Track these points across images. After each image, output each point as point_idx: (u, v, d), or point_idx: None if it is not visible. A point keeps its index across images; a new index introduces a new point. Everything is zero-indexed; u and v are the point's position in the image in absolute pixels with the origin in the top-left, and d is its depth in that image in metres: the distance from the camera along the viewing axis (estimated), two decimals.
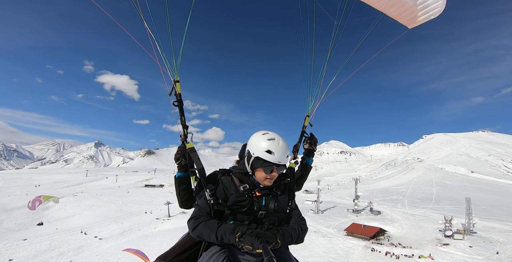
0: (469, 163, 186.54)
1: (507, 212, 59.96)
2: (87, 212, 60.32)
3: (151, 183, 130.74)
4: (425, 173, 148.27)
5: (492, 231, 41.28)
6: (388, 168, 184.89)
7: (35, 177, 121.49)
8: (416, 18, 2.12)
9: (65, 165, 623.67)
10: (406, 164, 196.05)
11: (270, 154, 1.52)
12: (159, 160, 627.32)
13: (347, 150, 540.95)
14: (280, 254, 1.52)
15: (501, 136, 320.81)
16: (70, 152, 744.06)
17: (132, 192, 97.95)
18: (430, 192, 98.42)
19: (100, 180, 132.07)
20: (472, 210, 42.05)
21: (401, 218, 50.48)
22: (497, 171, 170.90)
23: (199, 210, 1.53)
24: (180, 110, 1.85)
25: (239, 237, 1.31)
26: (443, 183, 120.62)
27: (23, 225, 47.51)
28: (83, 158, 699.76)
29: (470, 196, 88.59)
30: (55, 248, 37.70)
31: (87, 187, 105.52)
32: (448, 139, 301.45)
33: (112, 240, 43.58)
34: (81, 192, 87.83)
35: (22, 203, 61.49)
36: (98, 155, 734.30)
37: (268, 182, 1.58)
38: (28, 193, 75.85)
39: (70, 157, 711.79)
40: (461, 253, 30.66)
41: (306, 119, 2.30)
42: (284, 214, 1.67)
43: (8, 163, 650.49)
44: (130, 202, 75.80)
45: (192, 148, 1.80)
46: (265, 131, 1.67)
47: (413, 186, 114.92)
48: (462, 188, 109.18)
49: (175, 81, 1.83)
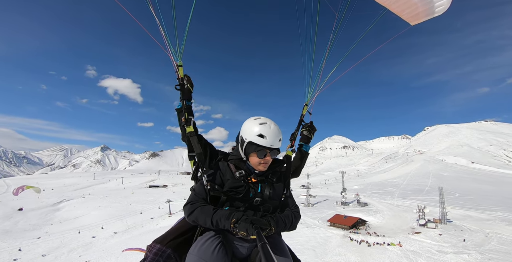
0: (470, 154, 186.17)
1: (494, 201, 61.97)
2: (94, 212, 64.85)
3: (155, 183, 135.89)
4: (423, 165, 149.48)
5: (469, 219, 42.92)
6: (388, 161, 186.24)
7: (45, 181, 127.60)
8: (419, 15, 2.09)
9: (74, 170, 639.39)
10: (407, 156, 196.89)
11: (262, 138, 1.54)
12: (164, 161, 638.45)
13: (350, 145, 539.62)
14: (273, 240, 1.58)
15: (504, 125, 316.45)
16: (78, 157, 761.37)
17: (136, 192, 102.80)
18: (424, 184, 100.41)
19: (106, 182, 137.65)
20: (444, 199, 44.21)
21: (385, 209, 53.17)
22: (498, 161, 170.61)
23: (195, 195, 1.55)
24: (182, 94, 1.83)
25: (234, 223, 1.33)
26: (440, 174, 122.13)
27: (36, 225, 52.07)
28: (90, 162, 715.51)
29: (463, 187, 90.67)
30: (66, 245, 41.92)
31: (95, 189, 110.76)
32: (450, 130, 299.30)
33: (117, 236, 47.68)
34: (89, 194, 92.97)
35: (34, 206, 66.58)
36: (104, 158, 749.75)
37: (262, 167, 1.60)
38: (40, 196, 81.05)
39: (78, 161, 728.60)
40: (429, 240, 32.28)
41: (305, 108, 2.31)
42: (279, 202, 1.68)
43: (19, 169, 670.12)
44: (134, 202, 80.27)
45: (192, 132, 1.76)
46: (257, 116, 1.68)
47: (409, 178, 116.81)
48: (458, 179, 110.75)
49: (178, 65, 1.85)
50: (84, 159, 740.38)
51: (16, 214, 57.31)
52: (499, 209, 51.03)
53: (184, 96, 1.83)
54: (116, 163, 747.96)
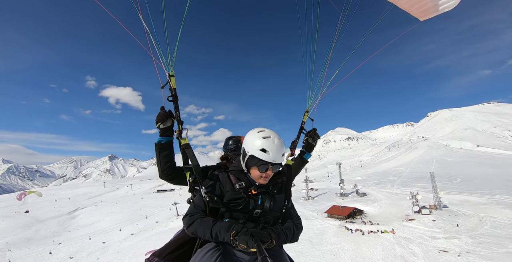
0: (474, 137, 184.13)
1: (495, 185, 62.18)
2: (108, 217, 68.52)
3: (163, 188, 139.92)
4: (427, 151, 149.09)
5: (466, 204, 43.08)
6: (392, 150, 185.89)
7: (60, 192, 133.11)
8: (429, 10, 2.02)
9: (85, 180, 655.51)
10: (411, 143, 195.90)
11: (265, 153, 1.50)
12: None
13: (353, 136, 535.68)
14: (274, 253, 1.53)
15: (508, 105, 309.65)
16: (88, 167, 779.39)
17: (145, 197, 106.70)
18: (427, 171, 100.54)
19: (116, 190, 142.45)
20: (439, 184, 44.88)
21: (383, 198, 54.63)
22: (503, 142, 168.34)
23: (194, 207, 1.53)
24: (175, 106, 1.76)
25: (233, 235, 1.31)
26: (444, 160, 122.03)
27: (56, 232, 55.92)
28: (100, 171, 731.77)
29: (467, 171, 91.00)
30: (84, 249, 45.24)
31: (106, 197, 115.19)
32: (453, 114, 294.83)
33: (131, 239, 50.90)
34: (101, 201, 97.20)
35: (52, 214, 70.72)
36: (113, 167, 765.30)
37: (263, 180, 1.57)
38: (56, 205, 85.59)
39: (88, 172, 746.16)
40: (422, 227, 32.40)
41: (305, 115, 2.26)
42: (280, 213, 1.65)
43: (33, 183, 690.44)
44: (144, 206, 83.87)
45: (187, 144, 1.73)
46: (261, 128, 1.64)
47: (412, 165, 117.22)
48: (462, 163, 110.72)
49: (170, 75, 1.76)
50: (94, 169, 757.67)
51: (36, 223, 61.36)
52: (498, 193, 51.32)
53: (177, 107, 1.78)
54: (125, 171, 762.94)
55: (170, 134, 1.79)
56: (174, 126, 1.82)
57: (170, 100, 1.76)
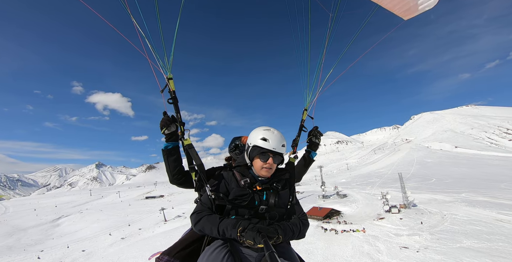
0: (453, 139, 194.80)
1: (466, 184, 66.79)
2: (93, 225, 67.84)
3: (152, 194, 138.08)
4: (409, 153, 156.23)
5: (433, 203, 45.85)
6: (377, 152, 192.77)
7: (43, 201, 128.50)
8: (411, 9, 2.13)
9: (70, 189, 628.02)
10: (395, 146, 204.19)
11: (265, 141, 1.60)
12: (161, 173, 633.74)
13: (343, 139, 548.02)
14: (281, 249, 1.55)
15: (485, 108, 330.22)
16: (73, 176, 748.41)
17: (133, 204, 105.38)
18: (407, 171, 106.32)
19: (104, 197, 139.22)
20: (405, 184, 48.15)
21: (361, 199, 57.74)
22: (480, 143, 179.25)
23: (201, 205, 1.56)
24: (175, 108, 1.81)
25: (240, 231, 1.33)
26: (424, 161, 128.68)
27: (38, 240, 55.10)
28: (86, 180, 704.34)
29: (443, 171, 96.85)
30: (68, 256, 45.11)
31: (92, 205, 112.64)
32: (434, 116, 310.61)
33: (116, 245, 51.03)
34: (86, 209, 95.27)
35: (34, 223, 69.23)
36: (101, 175, 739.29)
37: (265, 171, 1.61)
38: (39, 214, 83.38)
39: (74, 180, 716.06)
40: (390, 225, 34.00)
41: (304, 113, 2.29)
42: (285, 209, 1.68)
43: (14, 192, 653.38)
44: (131, 213, 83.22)
45: (190, 144, 1.78)
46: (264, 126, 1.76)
47: (394, 167, 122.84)
48: (440, 164, 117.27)
49: (168, 78, 1.80)
50: (80, 177, 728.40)
51: (18, 232, 60.05)
52: (465, 191, 55.11)
53: (177, 109, 1.82)
54: (113, 178, 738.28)
55: (176, 138, 1.82)
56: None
57: (170, 102, 1.82)
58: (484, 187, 60.49)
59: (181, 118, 1.83)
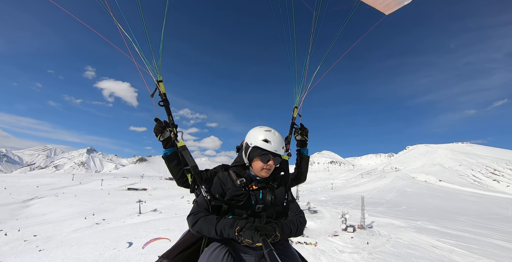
0: (440, 172, 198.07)
1: (430, 213, 69.66)
2: (65, 209, 68.31)
3: (135, 187, 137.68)
4: (393, 181, 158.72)
5: (389, 226, 48.42)
6: (364, 177, 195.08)
7: (23, 180, 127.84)
8: (391, 4, 2.16)
9: (55, 171, 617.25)
10: (383, 173, 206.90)
11: (267, 143, 1.60)
12: (151, 167, 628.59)
13: (337, 160, 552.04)
14: (279, 246, 1.56)
15: (479, 147, 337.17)
16: (61, 158, 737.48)
17: (113, 194, 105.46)
18: (384, 197, 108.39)
19: (85, 183, 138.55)
20: (375, 208, 50.81)
21: (329, 216, 59.69)
22: (463, 179, 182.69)
23: (197, 206, 1.56)
24: (167, 110, 1.82)
25: (238, 231, 1.33)
26: (404, 190, 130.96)
27: (2, 219, 55.18)
28: (74, 164, 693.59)
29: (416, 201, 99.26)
30: (26, 238, 44.50)
31: (71, 190, 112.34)
32: (428, 149, 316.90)
33: (80, 231, 51.68)
34: (63, 193, 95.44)
35: (4, 201, 69.53)
36: (89, 161, 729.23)
37: (264, 172, 1.62)
38: (12, 192, 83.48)
39: (60, 162, 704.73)
40: (340, 242, 35.88)
41: (295, 110, 2.30)
42: (281, 207, 1.68)
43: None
44: (108, 202, 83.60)
45: (184, 146, 1.78)
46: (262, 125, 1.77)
47: (375, 192, 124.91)
48: (417, 194, 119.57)
49: (158, 81, 1.79)
50: (68, 160, 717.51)
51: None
52: (422, 219, 58.07)
53: (169, 112, 1.83)
54: (101, 166, 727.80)
55: (172, 144, 1.84)
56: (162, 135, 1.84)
57: (161, 105, 1.82)
58: (443, 218, 63.07)
59: (173, 121, 1.84)
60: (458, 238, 42.29)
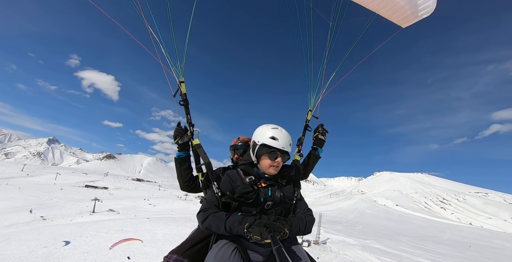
0: (398, 198, 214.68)
1: (380, 233, 75.60)
2: (3, 202, 61.47)
3: (94, 184, 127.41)
4: (356, 203, 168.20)
5: (341, 243, 51.81)
6: (332, 197, 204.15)
7: None
8: (408, 17, 2.21)
9: (4, 158, 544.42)
10: (350, 195, 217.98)
11: (275, 140, 1.61)
12: (119, 165, 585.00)
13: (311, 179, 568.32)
14: (288, 244, 1.56)
15: (435, 178, 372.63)
16: (16, 145, 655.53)
17: (66, 190, 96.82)
18: (345, 217, 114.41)
19: (36, 176, 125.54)
20: (321, 223, 54.17)
21: None
22: (416, 205, 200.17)
23: (207, 203, 1.58)
24: (186, 109, 1.94)
25: (247, 227, 1.33)
26: (364, 211, 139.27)
27: None
28: (28, 153, 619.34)
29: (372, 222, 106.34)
30: None
31: (17, 181, 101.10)
32: (392, 176, 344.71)
33: (14, 227, 47.11)
34: (7, 184, 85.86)
35: None
36: (48, 152, 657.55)
37: (272, 169, 1.63)
38: None
39: (13, 150, 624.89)
40: None
41: (309, 113, 2.39)
42: (290, 205, 1.69)
43: None
44: (58, 197, 76.77)
45: (199, 144, 1.88)
46: (269, 123, 1.78)
47: (338, 211, 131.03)
48: (375, 216, 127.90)
49: (180, 82, 1.92)
50: (23, 149, 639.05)
51: None
52: (371, 239, 63.11)
53: (188, 111, 1.96)
54: (61, 159, 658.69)
55: (188, 148, 1.96)
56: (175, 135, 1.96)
57: (181, 104, 1.95)
58: (389, 238, 68.97)
59: (191, 120, 1.96)
60: (394, 256, 46.96)
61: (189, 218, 58.45)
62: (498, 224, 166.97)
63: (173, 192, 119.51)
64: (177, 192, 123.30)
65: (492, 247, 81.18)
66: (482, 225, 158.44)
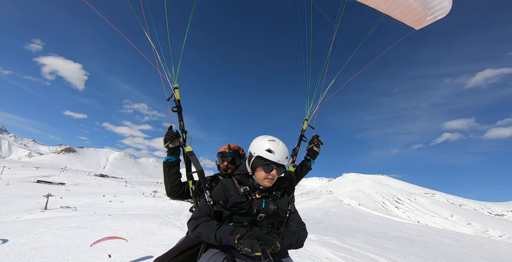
0: (361, 198, 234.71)
1: (340, 230, 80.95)
2: None
3: (49, 180, 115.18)
4: (324, 202, 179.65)
5: (308, 241, 58.65)
6: (303, 196, 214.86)
7: None
8: (423, 19, 2.10)
9: None
10: (319, 194, 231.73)
11: (270, 153, 1.58)
12: (80, 160, 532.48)
13: None
14: (278, 258, 1.52)
15: (393, 180, 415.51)
16: None
17: (14, 185, 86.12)
18: (312, 215, 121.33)
19: None
20: None
21: None
22: (375, 205, 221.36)
23: (199, 211, 1.55)
24: (179, 116, 1.91)
25: (238, 238, 1.30)
26: (330, 210, 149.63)
27: None
28: None
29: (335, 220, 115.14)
30: None
31: None
32: (357, 178, 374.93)
33: None
34: None
35: None
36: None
37: (267, 182, 1.60)
38: None
39: None
40: None
41: (305, 123, 2.31)
42: (283, 218, 1.66)
43: None
44: (3, 193, 68.52)
45: (191, 151, 1.86)
46: (266, 135, 1.74)
47: (307, 210, 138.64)
48: (338, 214, 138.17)
49: (174, 88, 1.91)
50: None
51: None
52: (331, 235, 68.37)
53: (181, 118, 1.93)
54: (9, 151, 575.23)
55: (178, 153, 1.91)
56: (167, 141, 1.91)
57: (174, 111, 1.92)
58: (346, 234, 75.39)
59: (184, 126, 1.93)
60: (347, 251, 51.65)
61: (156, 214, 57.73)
62: (440, 221, 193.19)
63: (141, 189, 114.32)
64: (145, 188, 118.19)
65: (429, 243, 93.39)
66: (427, 223, 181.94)
